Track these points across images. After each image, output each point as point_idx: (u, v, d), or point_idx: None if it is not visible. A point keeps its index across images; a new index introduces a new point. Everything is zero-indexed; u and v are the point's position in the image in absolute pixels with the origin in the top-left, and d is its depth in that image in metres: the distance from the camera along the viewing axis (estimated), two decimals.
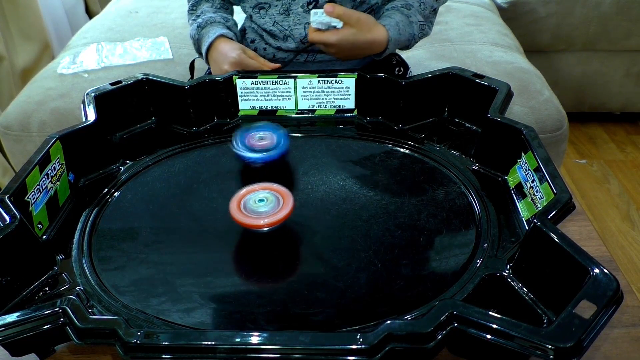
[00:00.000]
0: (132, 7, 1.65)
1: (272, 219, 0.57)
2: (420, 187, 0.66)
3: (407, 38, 0.89)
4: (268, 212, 0.58)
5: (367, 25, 0.84)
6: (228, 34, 0.93)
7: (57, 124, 1.17)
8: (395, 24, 0.87)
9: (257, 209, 0.58)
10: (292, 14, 0.92)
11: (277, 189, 0.60)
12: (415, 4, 0.91)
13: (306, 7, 0.90)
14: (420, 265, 0.56)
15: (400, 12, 0.90)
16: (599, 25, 1.79)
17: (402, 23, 0.88)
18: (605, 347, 0.49)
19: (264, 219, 0.57)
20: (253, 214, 0.58)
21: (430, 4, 0.92)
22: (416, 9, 0.90)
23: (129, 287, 0.55)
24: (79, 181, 0.69)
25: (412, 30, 0.89)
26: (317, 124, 0.81)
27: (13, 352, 0.48)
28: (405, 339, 0.42)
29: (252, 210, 0.58)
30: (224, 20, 0.96)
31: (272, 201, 0.59)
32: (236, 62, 0.87)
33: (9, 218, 0.54)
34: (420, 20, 0.91)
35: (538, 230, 0.50)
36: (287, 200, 0.59)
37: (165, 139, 0.77)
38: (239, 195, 0.60)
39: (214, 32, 0.92)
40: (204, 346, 0.42)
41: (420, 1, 0.91)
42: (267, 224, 0.57)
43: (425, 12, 0.91)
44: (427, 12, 0.92)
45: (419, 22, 0.91)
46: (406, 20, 0.89)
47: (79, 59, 1.34)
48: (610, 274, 0.44)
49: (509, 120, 0.66)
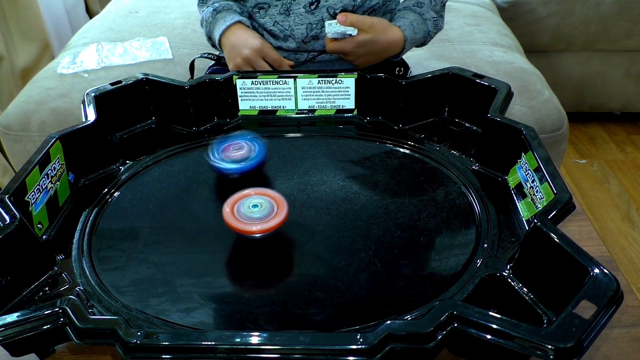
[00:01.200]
0: (132, 7, 1.65)
1: (265, 226, 0.56)
2: (420, 187, 0.66)
3: (423, 35, 0.91)
4: (261, 218, 0.57)
5: (382, 29, 0.85)
6: (246, 22, 0.93)
7: (57, 124, 1.17)
8: (409, 24, 0.88)
9: (251, 215, 0.57)
10: (293, 14, 0.92)
11: (272, 195, 0.60)
12: (426, 1, 0.91)
13: (308, 7, 0.90)
14: (420, 265, 0.56)
15: (413, 12, 0.91)
16: (599, 25, 1.79)
17: (416, 22, 0.89)
18: (605, 347, 0.49)
19: (256, 225, 0.56)
20: (246, 219, 0.57)
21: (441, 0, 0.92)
22: (428, 6, 0.91)
23: (129, 287, 0.55)
24: (79, 181, 0.69)
25: (427, 27, 0.91)
26: (317, 124, 0.81)
27: (13, 352, 0.48)
28: (405, 339, 0.42)
29: (245, 216, 0.57)
30: (240, 10, 0.96)
31: (266, 207, 0.58)
32: (258, 50, 0.87)
33: (9, 218, 0.54)
34: (433, 16, 0.91)
35: (538, 230, 0.50)
36: (281, 208, 0.58)
37: (165, 139, 0.77)
38: (233, 200, 0.59)
39: (232, 17, 0.92)
40: (204, 346, 0.42)
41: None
42: (259, 230, 0.56)
43: (437, 7, 0.92)
44: (438, 7, 0.93)
45: (433, 19, 0.91)
46: (420, 19, 0.90)
47: (79, 59, 1.34)
48: (610, 274, 0.44)
49: (509, 120, 0.66)
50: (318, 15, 0.91)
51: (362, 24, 0.83)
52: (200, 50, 1.33)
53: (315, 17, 0.91)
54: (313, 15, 0.91)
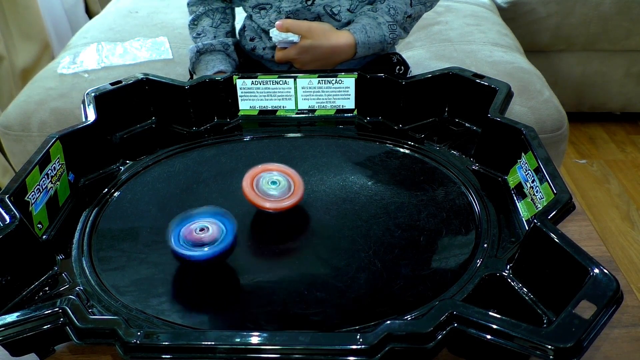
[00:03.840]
0: (132, 7, 1.65)
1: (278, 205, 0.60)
2: (420, 187, 0.66)
3: (379, 40, 0.90)
4: (276, 196, 0.60)
5: (323, 33, 0.86)
6: (226, 69, 0.94)
7: (57, 124, 1.17)
8: (361, 27, 0.89)
9: (268, 191, 0.61)
10: (292, 16, 0.92)
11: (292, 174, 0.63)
12: (383, 7, 0.91)
13: (304, 2, 0.91)
14: (420, 265, 0.56)
15: (367, 16, 0.91)
16: (599, 25, 1.79)
17: (369, 25, 0.89)
18: (605, 347, 0.49)
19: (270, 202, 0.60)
20: (262, 194, 0.60)
21: (403, 10, 0.92)
22: (383, 11, 0.91)
23: (129, 287, 0.55)
24: (79, 181, 0.69)
25: (382, 31, 0.90)
26: (317, 124, 0.81)
27: (13, 352, 0.48)
28: (405, 339, 0.42)
29: (262, 191, 0.60)
30: (223, 48, 0.97)
31: (284, 186, 0.61)
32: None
33: (9, 218, 0.54)
34: (388, 20, 0.91)
35: (538, 231, 0.50)
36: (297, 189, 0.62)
37: (165, 139, 0.77)
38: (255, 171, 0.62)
39: (213, 65, 0.94)
40: (204, 346, 0.42)
41: (389, 6, 0.91)
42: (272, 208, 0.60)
43: (397, 17, 0.92)
44: (400, 17, 0.92)
45: (388, 23, 0.91)
46: (373, 22, 0.90)
47: (79, 59, 1.34)
48: (610, 274, 0.44)
49: (509, 120, 0.66)
50: (314, 12, 0.91)
51: (298, 29, 0.84)
52: None
53: (312, 13, 0.91)
54: (309, 11, 0.91)
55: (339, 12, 0.92)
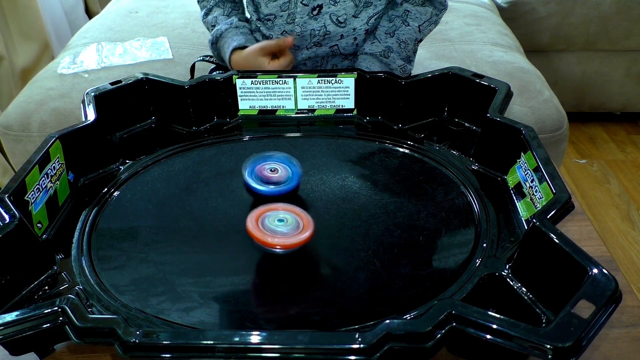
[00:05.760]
0: (132, 7, 1.65)
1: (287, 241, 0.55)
2: (420, 187, 0.66)
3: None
4: (285, 233, 0.55)
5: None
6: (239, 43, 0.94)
7: (57, 124, 1.17)
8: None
9: (276, 229, 0.56)
10: (299, 27, 0.92)
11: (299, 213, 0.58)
12: (394, 46, 0.90)
13: (310, 14, 0.91)
14: (420, 264, 0.56)
15: (379, 61, 0.90)
16: (599, 25, 1.79)
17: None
18: (604, 347, 0.49)
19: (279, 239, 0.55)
20: (269, 232, 0.55)
21: (413, 39, 0.91)
22: (396, 53, 0.91)
23: (129, 286, 0.55)
24: (79, 181, 0.69)
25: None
26: (317, 124, 0.81)
27: (12, 351, 0.48)
28: (404, 339, 0.42)
29: (269, 229, 0.56)
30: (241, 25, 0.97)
31: (292, 223, 0.56)
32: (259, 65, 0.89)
33: (8, 217, 0.54)
34: (400, 65, 0.91)
35: (537, 230, 0.50)
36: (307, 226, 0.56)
37: (165, 139, 0.77)
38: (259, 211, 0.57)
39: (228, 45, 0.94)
40: (203, 345, 0.42)
41: (400, 41, 0.90)
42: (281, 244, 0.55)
43: (408, 51, 0.91)
44: (410, 48, 0.91)
45: (400, 67, 0.91)
46: (386, 69, 0.90)
47: (79, 59, 1.34)
48: (609, 273, 0.44)
49: (509, 120, 0.66)
50: (320, 22, 0.91)
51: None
52: (200, 50, 1.33)
53: (318, 22, 0.92)
54: (316, 21, 0.91)
55: (345, 20, 0.92)
